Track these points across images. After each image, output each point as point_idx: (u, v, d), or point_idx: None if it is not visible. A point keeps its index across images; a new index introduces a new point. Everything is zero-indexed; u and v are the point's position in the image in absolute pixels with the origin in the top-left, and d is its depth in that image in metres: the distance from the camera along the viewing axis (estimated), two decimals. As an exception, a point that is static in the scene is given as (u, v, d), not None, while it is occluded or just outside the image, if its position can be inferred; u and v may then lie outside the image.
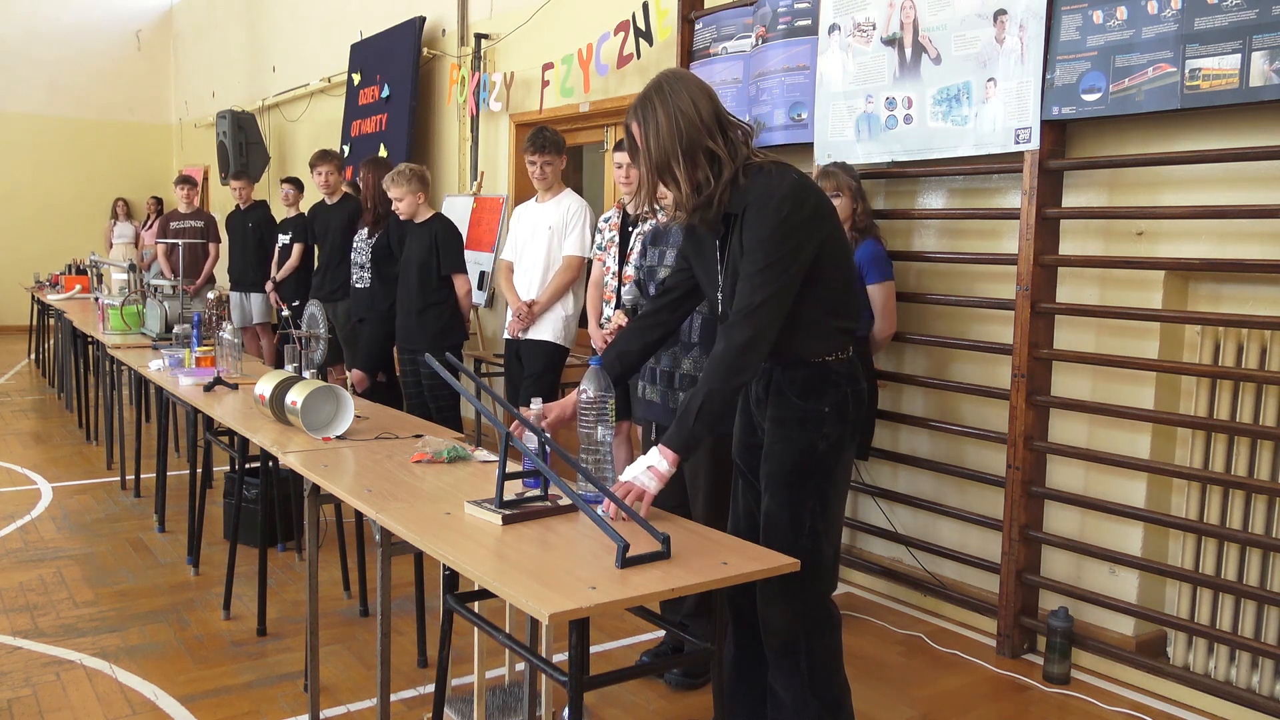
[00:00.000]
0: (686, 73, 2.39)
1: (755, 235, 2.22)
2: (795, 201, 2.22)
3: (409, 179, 4.65)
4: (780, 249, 2.21)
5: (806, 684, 2.41)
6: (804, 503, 2.37)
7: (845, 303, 2.39)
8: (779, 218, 2.20)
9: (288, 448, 2.86)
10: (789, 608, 2.38)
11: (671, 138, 2.23)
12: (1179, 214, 3.16)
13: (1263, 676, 3.05)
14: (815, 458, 2.36)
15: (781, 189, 2.23)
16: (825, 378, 2.36)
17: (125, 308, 5.49)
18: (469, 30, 6.99)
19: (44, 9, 13.42)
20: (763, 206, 2.22)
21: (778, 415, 2.39)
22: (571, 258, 4.45)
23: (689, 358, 3.04)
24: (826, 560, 2.42)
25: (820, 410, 2.35)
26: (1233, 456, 3.11)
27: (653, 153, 2.26)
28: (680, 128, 2.23)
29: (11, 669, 3.22)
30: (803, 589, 2.37)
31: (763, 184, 2.24)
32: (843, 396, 2.37)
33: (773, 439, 2.40)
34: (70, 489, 5.45)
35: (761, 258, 2.21)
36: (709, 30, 4.65)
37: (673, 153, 2.23)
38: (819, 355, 2.36)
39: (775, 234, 2.20)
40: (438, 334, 4.66)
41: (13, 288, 11.82)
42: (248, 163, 9.81)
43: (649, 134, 2.26)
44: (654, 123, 2.25)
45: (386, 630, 2.39)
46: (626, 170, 4.06)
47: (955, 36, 3.57)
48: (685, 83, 2.29)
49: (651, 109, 2.26)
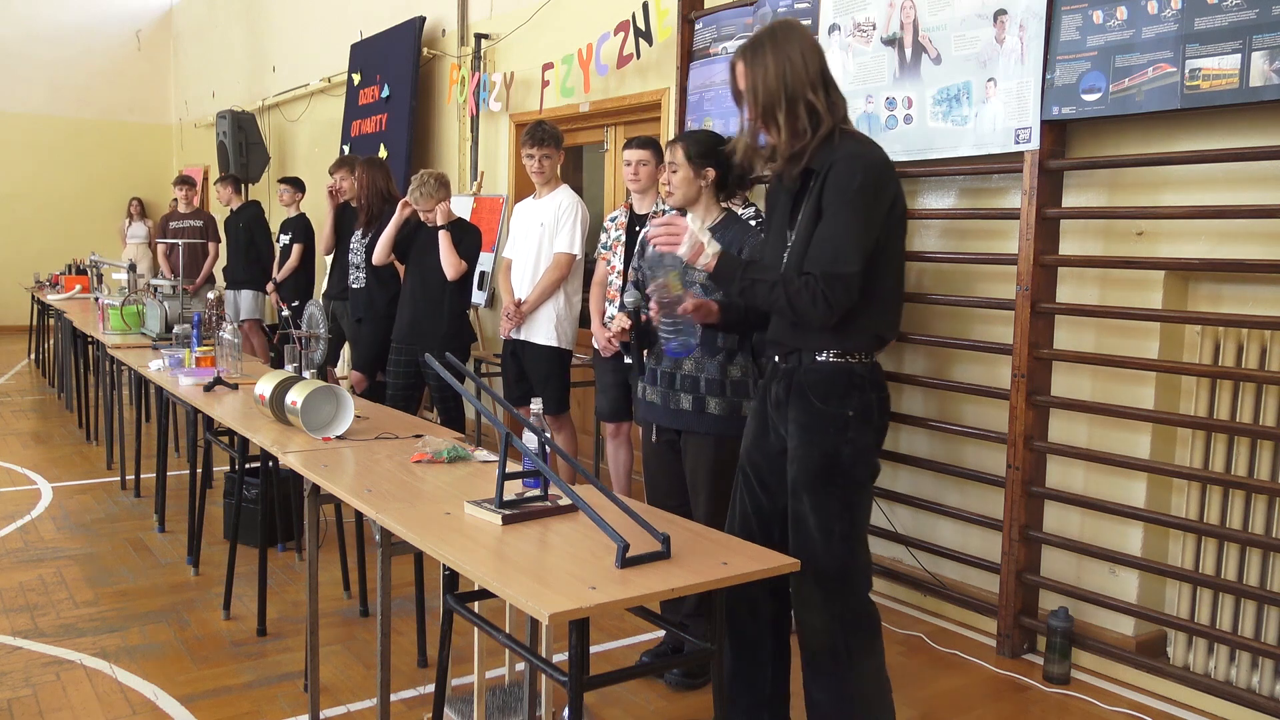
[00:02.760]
0: (799, 25, 2.42)
1: (839, 190, 2.24)
2: (882, 173, 2.27)
3: (435, 189, 4.55)
4: (861, 205, 2.23)
5: (849, 686, 2.39)
6: (830, 507, 2.35)
7: (886, 309, 2.39)
8: (866, 178, 2.23)
9: (288, 448, 2.86)
10: (827, 611, 2.38)
11: (778, 83, 2.28)
12: (1179, 214, 3.16)
13: (1263, 676, 3.05)
14: (840, 463, 2.34)
15: (872, 157, 2.28)
16: (848, 380, 2.35)
17: (125, 308, 5.49)
18: (469, 30, 6.99)
19: (44, 9, 13.42)
20: (851, 165, 2.24)
21: (800, 420, 2.38)
22: (561, 255, 4.43)
23: (690, 358, 3.04)
24: (860, 562, 2.41)
25: (844, 414, 2.34)
26: (1233, 456, 3.11)
27: (759, 95, 2.30)
28: (787, 76, 2.28)
29: (11, 669, 3.22)
30: (840, 592, 2.38)
31: (854, 146, 2.28)
32: (867, 401, 2.36)
33: (796, 443, 2.39)
34: (70, 489, 5.45)
35: (847, 214, 2.23)
36: (709, 30, 4.65)
37: (778, 99, 2.28)
38: (841, 352, 2.35)
39: (861, 189, 2.23)
40: (454, 334, 4.66)
41: (13, 288, 11.82)
42: (248, 163, 9.81)
43: (757, 77, 2.30)
44: (763, 67, 2.30)
45: (386, 630, 2.39)
46: (635, 168, 4.06)
47: (955, 36, 3.57)
48: (797, 34, 2.34)
49: (762, 53, 2.31)
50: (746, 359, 3.07)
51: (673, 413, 3.08)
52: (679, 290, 2.43)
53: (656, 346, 3.11)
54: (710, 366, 3.02)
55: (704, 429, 3.04)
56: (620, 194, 5.69)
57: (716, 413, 3.02)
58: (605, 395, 4.35)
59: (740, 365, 3.05)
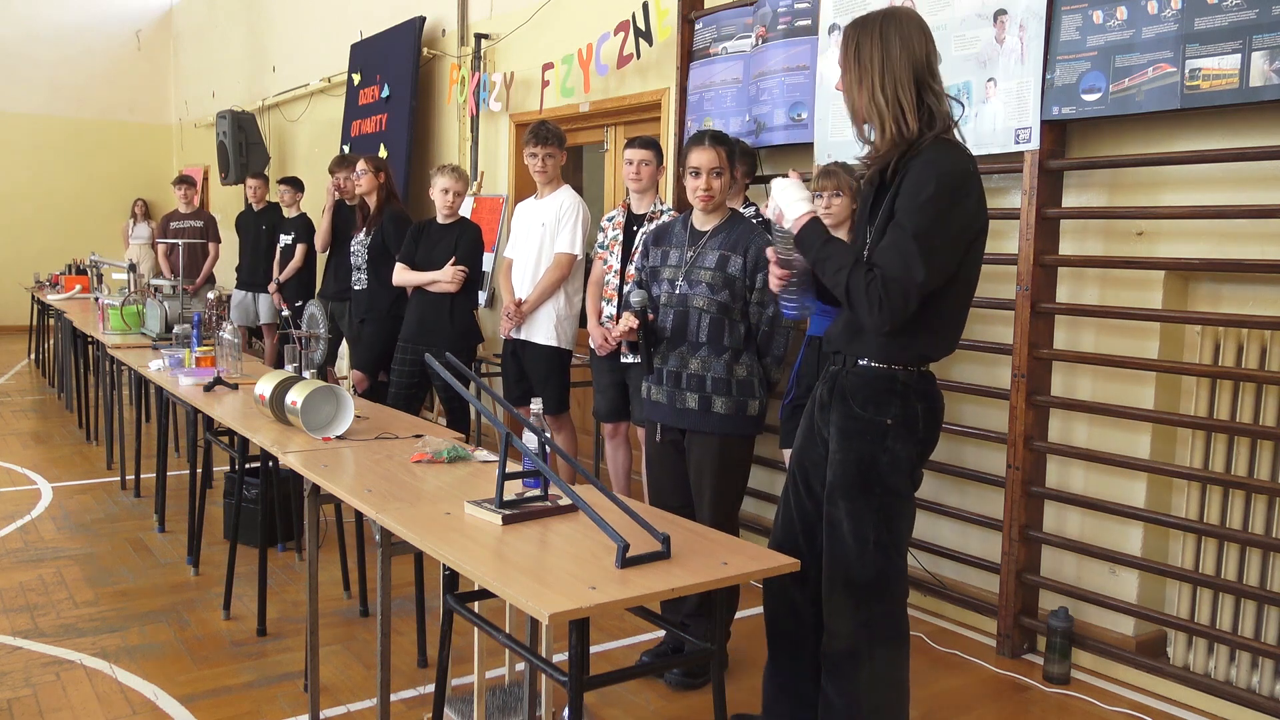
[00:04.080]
0: (919, 17, 2.29)
1: (910, 196, 2.14)
2: (959, 184, 2.16)
3: (461, 176, 4.68)
4: (934, 213, 2.13)
5: (864, 693, 2.36)
6: (865, 515, 2.30)
7: (939, 332, 2.30)
8: (940, 187, 2.12)
9: (288, 448, 2.86)
10: (855, 618, 2.34)
11: (905, 65, 2.18)
12: (1179, 214, 3.16)
13: (1263, 676, 3.05)
14: (877, 471, 2.29)
15: (948, 165, 2.16)
16: (890, 387, 2.29)
17: (125, 308, 5.49)
18: (469, 30, 6.99)
19: (44, 9, 13.41)
20: (925, 172, 2.14)
21: (840, 424, 2.34)
22: (562, 255, 4.43)
23: (696, 358, 3.04)
24: (895, 571, 2.36)
25: (883, 422, 2.28)
26: (1233, 456, 3.11)
27: (883, 76, 2.18)
28: (911, 60, 2.18)
29: (11, 669, 3.22)
30: (870, 600, 2.34)
31: (933, 153, 2.16)
32: (909, 411, 2.29)
33: (835, 447, 2.35)
34: (70, 489, 5.45)
35: (917, 220, 2.12)
36: (709, 30, 4.65)
37: (904, 83, 2.18)
38: (887, 360, 2.28)
39: (934, 199, 2.12)
40: (464, 333, 4.68)
41: (13, 288, 11.82)
42: (247, 162, 9.81)
43: (880, 54, 2.19)
44: (891, 44, 2.19)
45: (386, 630, 2.39)
46: (637, 167, 4.06)
47: (955, 36, 3.57)
48: (916, 23, 2.23)
49: (887, 28, 2.20)
50: (752, 359, 3.07)
51: (678, 412, 3.08)
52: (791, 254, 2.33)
53: (662, 346, 3.12)
54: (717, 366, 3.02)
55: (709, 428, 3.04)
56: (620, 194, 5.69)
57: (722, 412, 3.02)
58: (603, 395, 4.35)
59: (746, 365, 3.05)
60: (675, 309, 3.08)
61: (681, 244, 3.15)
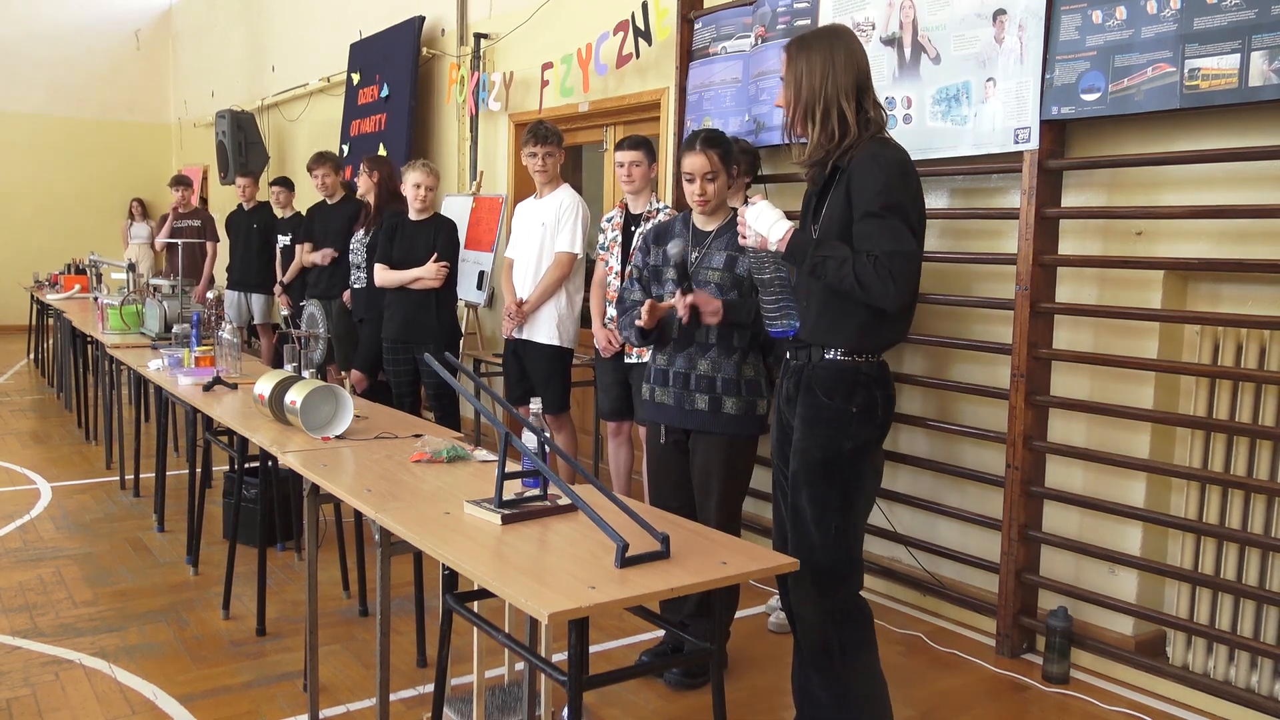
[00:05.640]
0: (851, 32, 2.51)
1: (866, 185, 2.31)
2: (904, 167, 2.36)
3: (431, 170, 4.75)
4: (900, 194, 2.32)
5: (842, 680, 2.45)
6: (829, 500, 2.41)
7: (906, 309, 2.45)
8: (891, 173, 2.31)
9: (287, 447, 2.86)
10: (820, 606, 2.44)
11: (848, 76, 2.37)
12: (1178, 214, 3.16)
13: (1262, 676, 3.05)
14: (842, 457, 2.41)
15: (891, 155, 2.35)
16: (855, 379, 2.42)
17: (124, 307, 5.49)
18: (468, 30, 6.99)
19: (44, 9, 13.41)
20: (873, 163, 2.32)
21: (806, 414, 2.45)
22: (562, 254, 4.43)
23: (705, 359, 3.04)
24: (853, 558, 2.47)
25: (848, 410, 2.41)
26: (1232, 456, 3.11)
27: (825, 84, 2.37)
28: (855, 71, 2.38)
29: (11, 669, 3.21)
30: (833, 586, 2.44)
31: (874, 146, 2.36)
32: (871, 399, 2.43)
33: (800, 436, 2.45)
34: (69, 489, 5.45)
35: (886, 200, 2.30)
36: (709, 30, 4.65)
37: (847, 91, 2.37)
38: (849, 351, 2.42)
39: (889, 185, 2.31)
40: (453, 329, 4.72)
41: (12, 287, 11.81)
42: (247, 162, 9.80)
43: (827, 64, 2.38)
44: (838, 56, 2.38)
45: (386, 630, 2.39)
46: (628, 169, 4.05)
47: (954, 36, 3.57)
48: (856, 41, 2.44)
49: (834, 44, 2.39)
50: (758, 358, 3.08)
51: (687, 413, 3.07)
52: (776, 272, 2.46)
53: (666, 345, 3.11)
54: (727, 366, 3.02)
55: (719, 429, 3.04)
56: (619, 194, 5.68)
57: (732, 412, 3.02)
58: (606, 394, 4.35)
59: (753, 364, 3.06)
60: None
61: (684, 243, 3.14)
